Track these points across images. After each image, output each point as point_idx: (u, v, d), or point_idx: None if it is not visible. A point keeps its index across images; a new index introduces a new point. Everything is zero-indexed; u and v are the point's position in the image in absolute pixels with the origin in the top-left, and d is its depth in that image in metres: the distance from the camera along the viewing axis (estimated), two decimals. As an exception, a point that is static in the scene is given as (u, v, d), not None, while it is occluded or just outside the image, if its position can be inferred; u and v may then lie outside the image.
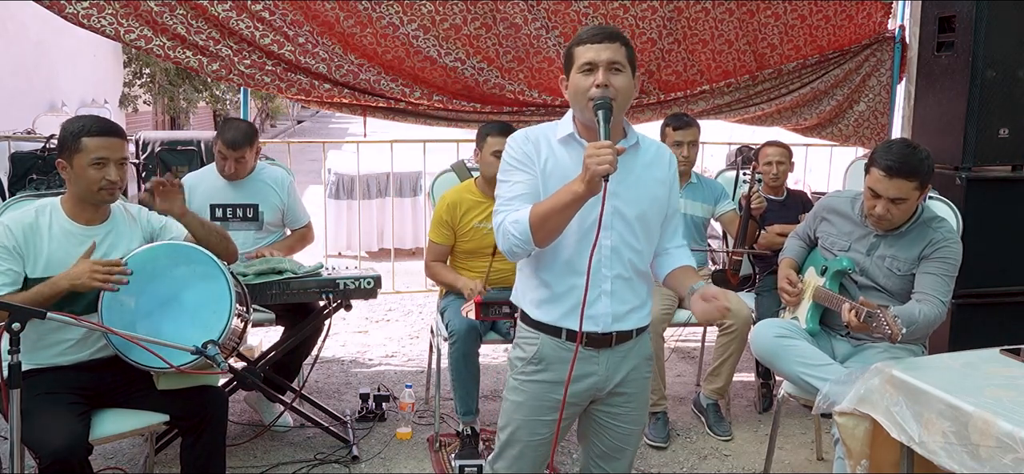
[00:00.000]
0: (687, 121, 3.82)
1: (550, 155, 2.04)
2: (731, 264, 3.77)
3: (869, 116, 4.89)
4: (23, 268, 2.43)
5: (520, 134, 2.08)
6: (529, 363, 2.10)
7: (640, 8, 4.40)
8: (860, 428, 2.31)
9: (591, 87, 1.96)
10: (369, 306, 5.41)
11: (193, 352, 2.28)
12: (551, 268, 2.05)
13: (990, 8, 3.69)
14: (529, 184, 2.01)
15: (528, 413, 2.12)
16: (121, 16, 3.77)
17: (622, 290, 2.06)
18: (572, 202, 1.87)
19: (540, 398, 2.10)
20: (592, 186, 1.82)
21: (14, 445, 2.04)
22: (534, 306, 2.09)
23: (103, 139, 2.46)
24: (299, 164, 5.76)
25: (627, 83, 2.00)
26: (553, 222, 1.91)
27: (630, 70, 2.02)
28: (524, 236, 1.93)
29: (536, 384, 2.10)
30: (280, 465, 3.26)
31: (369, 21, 4.10)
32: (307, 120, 27.69)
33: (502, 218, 2.00)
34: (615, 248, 2.03)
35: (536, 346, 2.09)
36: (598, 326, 2.04)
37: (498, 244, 2.03)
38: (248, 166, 3.57)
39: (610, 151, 1.80)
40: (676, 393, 4.12)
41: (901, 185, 2.63)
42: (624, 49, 2.01)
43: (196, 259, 2.55)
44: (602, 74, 1.96)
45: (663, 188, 2.12)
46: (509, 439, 2.16)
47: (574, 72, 2.02)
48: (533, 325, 2.10)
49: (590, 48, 1.99)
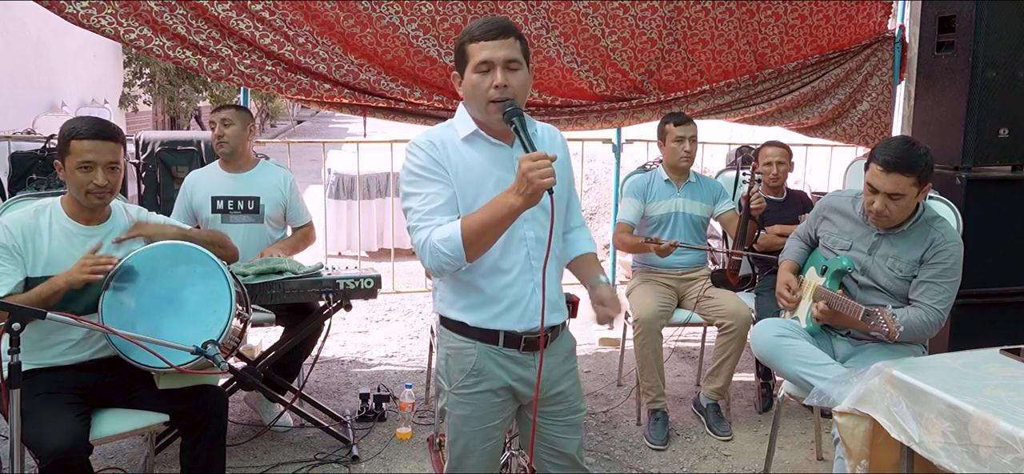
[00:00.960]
0: (687, 117, 3.82)
1: (458, 158, 1.98)
2: (731, 264, 3.77)
3: (872, 115, 4.88)
4: (24, 268, 2.43)
5: (422, 140, 1.99)
6: (470, 375, 2.05)
7: (640, 8, 4.40)
8: (860, 428, 2.31)
9: (490, 89, 1.91)
10: (369, 306, 5.41)
11: (193, 352, 2.28)
12: (478, 272, 1.99)
13: (990, 8, 3.69)
14: (445, 194, 1.95)
15: (478, 423, 2.08)
16: (121, 16, 3.77)
17: (551, 278, 2.04)
18: (508, 215, 1.82)
19: (486, 407, 2.07)
20: (533, 200, 1.78)
21: (14, 445, 2.04)
22: (464, 312, 2.03)
23: (90, 142, 2.44)
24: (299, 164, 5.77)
25: (525, 79, 1.96)
26: (488, 236, 1.87)
27: (526, 64, 1.97)
28: (456, 253, 1.87)
29: (479, 395, 2.06)
30: (280, 465, 3.26)
31: (369, 21, 4.10)
32: (307, 120, 27.67)
33: (426, 235, 1.91)
34: (538, 237, 2.01)
35: (473, 357, 2.04)
36: (536, 322, 2.00)
37: (425, 263, 1.95)
38: (240, 138, 3.57)
39: (548, 162, 1.76)
40: (676, 393, 4.12)
41: (898, 180, 2.63)
42: (519, 43, 1.95)
43: (196, 259, 2.55)
44: (500, 74, 1.91)
45: (562, 167, 2.03)
46: (464, 451, 2.11)
47: (469, 71, 1.95)
48: (465, 333, 2.04)
49: (485, 46, 1.92)
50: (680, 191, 3.82)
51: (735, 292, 3.74)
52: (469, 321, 2.03)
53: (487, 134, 2.00)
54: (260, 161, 3.70)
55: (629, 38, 4.45)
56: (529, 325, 2.02)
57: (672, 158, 3.79)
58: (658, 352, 3.57)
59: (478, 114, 1.99)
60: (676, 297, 3.78)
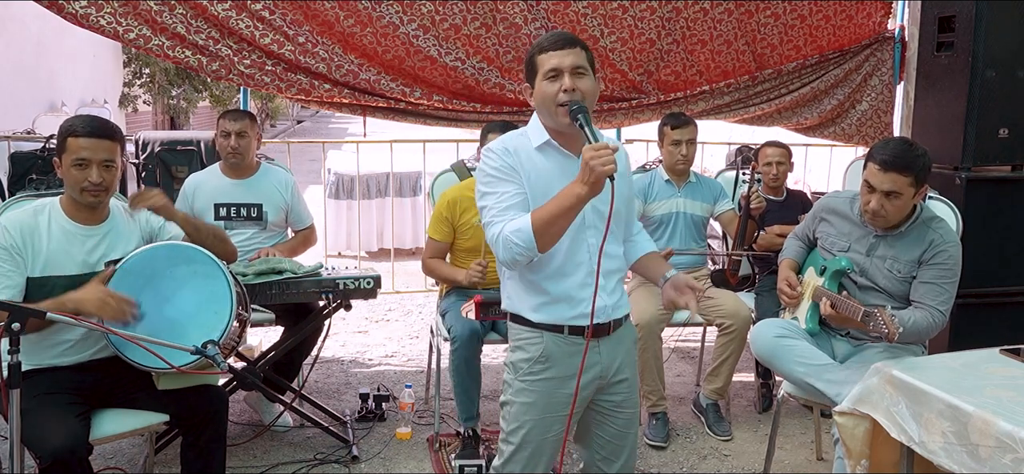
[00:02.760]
0: (685, 119, 3.81)
1: (531, 165, 2.09)
2: (730, 264, 3.77)
3: (872, 115, 4.88)
4: (24, 269, 2.43)
5: (498, 146, 2.11)
6: (536, 362, 2.13)
7: (639, 8, 4.40)
8: (860, 428, 2.31)
9: (558, 92, 2.02)
10: (369, 306, 5.41)
11: (193, 352, 2.28)
12: (544, 274, 2.10)
13: (990, 8, 3.68)
14: (519, 194, 2.05)
15: (540, 412, 2.15)
16: (120, 15, 3.77)
17: (611, 283, 2.16)
18: (575, 204, 1.92)
19: (550, 395, 2.14)
20: (596, 187, 1.88)
21: (14, 445, 2.04)
22: (533, 311, 2.14)
23: (86, 140, 2.44)
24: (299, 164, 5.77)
25: (592, 85, 2.07)
26: (557, 226, 1.96)
27: (592, 72, 2.09)
28: (528, 243, 1.96)
29: (545, 382, 2.14)
30: (280, 465, 3.26)
31: (369, 21, 4.10)
32: (307, 120, 27.68)
33: (500, 228, 2.02)
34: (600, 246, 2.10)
35: (541, 345, 2.13)
36: (599, 318, 2.10)
37: (498, 255, 2.05)
38: (250, 147, 3.57)
39: (610, 151, 1.86)
40: (676, 393, 4.12)
41: (896, 179, 2.64)
42: (585, 53, 2.08)
43: (196, 259, 2.55)
44: (568, 79, 2.02)
45: (624, 181, 2.18)
46: (522, 441, 2.17)
47: (540, 79, 2.07)
48: (534, 327, 2.14)
49: (553, 55, 2.04)
50: (681, 191, 3.82)
51: (735, 292, 3.74)
52: (536, 318, 2.13)
53: (558, 144, 2.10)
54: (262, 164, 3.70)
55: (628, 38, 4.45)
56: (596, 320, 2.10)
57: (669, 160, 3.79)
58: (658, 356, 3.57)
59: (549, 121, 2.09)
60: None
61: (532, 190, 2.06)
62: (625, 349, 2.25)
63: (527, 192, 2.06)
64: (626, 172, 2.24)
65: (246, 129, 3.53)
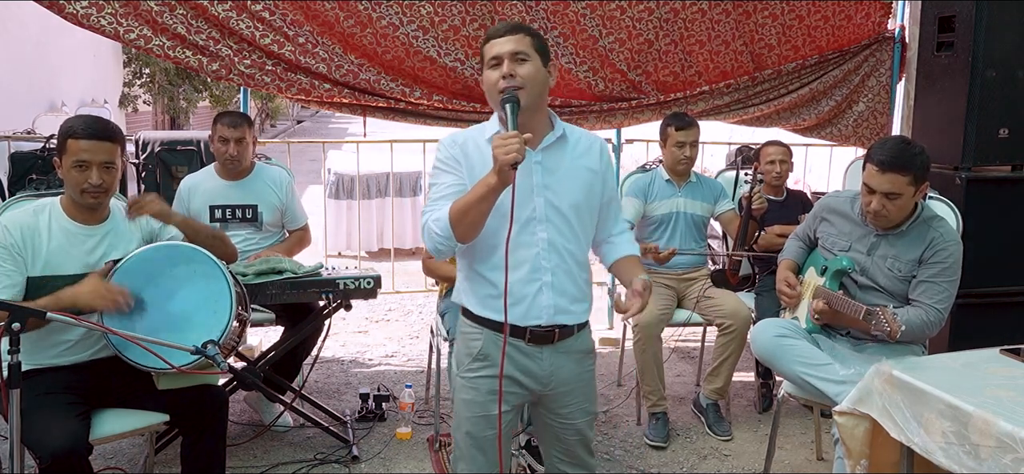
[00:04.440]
0: (689, 121, 3.81)
1: (478, 156, 2.07)
2: (731, 264, 3.77)
3: (868, 116, 4.88)
4: (24, 268, 2.43)
5: (448, 138, 2.11)
6: (475, 359, 2.12)
7: (637, 9, 4.40)
8: (860, 428, 2.31)
9: (498, 80, 2.01)
10: (369, 306, 5.41)
11: (193, 352, 2.27)
12: (490, 264, 2.07)
13: (990, 8, 3.68)
14: (457, 186, 2.05)
15: (477, 409, 2.13)
16: (121, 16, 3.77)
17: (563, 282, 2.08)
18: (487, 193, 1.91)
19: (487, 393, 2.11)
20: (503, 176, 1.86)
21: (14, 445, 2.04)
22: (478, 302, 2.11)
23: (86, 141, 2.43)
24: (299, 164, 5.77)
25: (534, 71, 2.02)
26: (471, 215, 1.95)
27: (539, 58, 2.04)
28: (445, 232, 1.98)
29: (482, 379, 2.12)
30: (280, 465, 3.26)
31: (369, 21, 4.10)
32: (307, 120, 27.68)
33: (426, 217, 2.04)
34: (551, 241, 2.06)
35: (480, 342, 2.11)
36: (541, 319, 2.06)
37: (425, 244, 2.07)
38: (248, 152, 3.57)
39: (517, 140, 1.84)
40: (676, 393, 4.12)
41: (895, 179, 2.64)
42: (529, 38, 2.04)
43: (196, 259, 2.55)
44: (507, 65, 2.00)
45: (595, 178, 2.14)
46: (464, 438, 2.16)
47: (485, 69, 2.07)
48: (476, 321, 2.12)
49: (495, 43, 2.04)
50: (681, 191, 3.82)
51: (735, 292, 3.74)
52: (477, 311, 2.11)
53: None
54: (257, 165, 3.69)
55: (626, 39, 4.45)
56: (535, 321, 2.07)
57: (671, 161, 3.79)
58: (658, 356, 3.57)
59: (496, 109, 2.10)
60: (676, 297, 3.78)
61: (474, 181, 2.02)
62: (572, 366, 2.15)
63: (467, 184, 2.03)
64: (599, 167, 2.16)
65: (244, 135, 3.53)
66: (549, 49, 2.11)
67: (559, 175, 2.08)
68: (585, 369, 2.21)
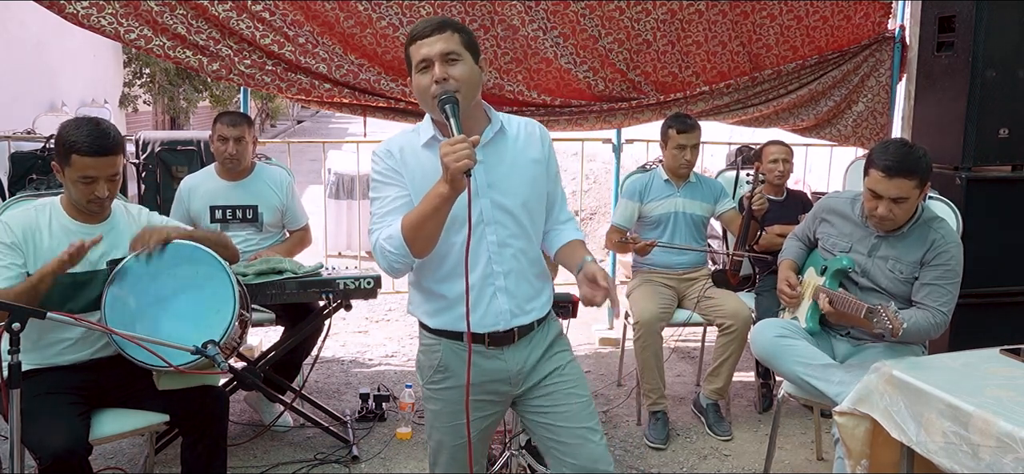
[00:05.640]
0: (691, 124, 3.79)
1: (416, 163, 1.98)
2: (731, 264, 3.77)
3: (867, 116, 4.88)
4: (25, 264, 2.44)
5: (382, 149, 2.01)
6: (437, 372, 2.07)
7: (635, 9, 4.40)
8: (860, 428, 2.31)
9: (431, 85, 1.90)
10: (369, 306, 5.41)
11: (193, 352, 2.28)
12: (439, 276, 2.00)
13: (990, 8, 3.68)
14: (402, 198, 1.96)
15: (447, 419, 2.09)
16: (121, 16, 3.77)
17: (517, 284, 2.02)
18: (440, 204, 1.82)
19: (454, 404, 2.06)
20: (456, 185, 1.77)
21: (14, 445, 2.04)
22: (430, 316, 2.05)
23: (92, 159, 2.42)
24: (299, 164, 5.76)
25: (467, 70, 1.92)
26: (426, 229, 1.86)
27: (470, 55, 1.94)
28: (400, 249, 1.89)
29: (447, 391, 2.07)
30: (280, 465, 3.26)
31: (369, 22, 4.10)
32: (307, 120, 27.67)
33: (376, 236, 1.94)
34: (503, 242, 1.99)
35: (439, 353, 2.06)
36: (499, 324, 2.00)
37: (378, 264, 1.97)
38: (248, 151, 3.57)
39: (466, 145, 1.75)
40: (676, 393, 4.12)
41: (902, 184, 2.63)
42: (458, 35, 1.93)
43: (199, 259, 2.55)
44: (438, 68, 1.89)
45: (540, 167, 2.05)
46: (437, 447, 2.14)
47: (414, 72, 1.96)
48: (433, 333, 2.07)
49: (422, 44, 1.92)
50: (680, 191, 3.82)
51: (735, 292, 3.74)
52: (433, 324, 2.05)
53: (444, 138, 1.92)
54: (257, 165, 3.69)
55: (625, 39, 4.45)
56: (492, 327, 2.01)
57: (672, 163, 3.79)
58: (658, 354, 3.57)
59: (430, 112, 1.99)
60: (676, 297, 3.78)
61: (416, 190, 1.94)
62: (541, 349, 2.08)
63: (411, 194, 1.95)
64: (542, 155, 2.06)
65: (243, 134, 3.53)
66: (478, 42, 2.00)
67: (502, 172, 1.99)
68: (558, 350, 2.12)
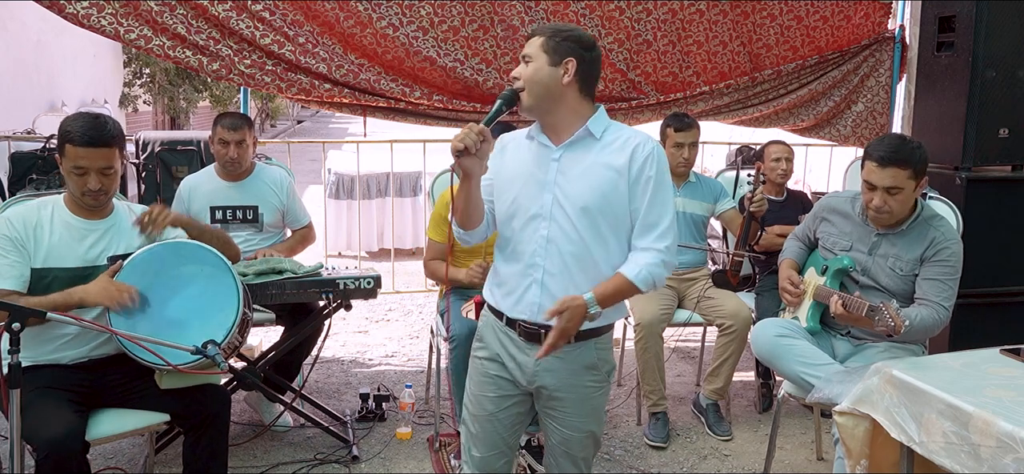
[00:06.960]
0: (688, 122, 3.80)
1: (515, 151, 2.18)
2: (731, 264, 3.77)
3: (867, 116, 4.88)
4: (28, 260, 2.44)
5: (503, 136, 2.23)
6: (478, 339, 2.25)
7: (636, 9, 4.40)
8: (860, 428, 2.31)
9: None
10: (369, 306, 5.41)
11: (193, 352, 2.28)
12: (502, 255, 2.17)
13: (990, 8, 3.69)
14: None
15: (475, 388, 2.23)
16: (121, 16, 3.77)
17: (559, 285, 2.03)
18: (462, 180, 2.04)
19: (482, 373, 2.20)
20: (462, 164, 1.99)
21: (14, 445, 2.04)
22: (488, 288, 2.23)
23: (84, 149, 2.43)
24: (299, 164, 5.77)
25: (533, 71, 2.06)
26: (455, 203, 2.07)
27: (546, 58, 2.05)
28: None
29: (478, 361, 2.23)
30: (280, 465, 3.26)
31: (369, 22, 4.10)
32: (307, 120, 27.67)
33: None
34: (551, 239, 2.05)
35: (485, 322, 2.24)
36: (527, 314, 2.09)
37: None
38: (248, 154, 3.57)
39: (468, 130, 1.95)
40: (676, 393, 4.12)
41: (896, 174, 2.65)
42: (540, 39, 2.07)
43: (203, 259, 2.56)
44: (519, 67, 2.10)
45: (616, 176, 2.02)
46: (466, 414, 2.27)
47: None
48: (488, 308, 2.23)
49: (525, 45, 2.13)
50: (679, 191, 3.82)
51: (735, 292, 3.74)
52: (485, 292, 2.24)
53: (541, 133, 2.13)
54: (257, 166, 3.69)
55: (625, 39, 4.45)
56: (520, 315, 2.10)
57: (670, 162, 3.77)
58: (659, 355, 3.57)
59: None
60: (677, 298, 3.78)
61: (509, 175, 2.13)
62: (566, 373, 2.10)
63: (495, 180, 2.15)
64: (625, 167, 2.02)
65: (244, 137, 3.52)
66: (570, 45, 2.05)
67: (573, 175, 2.05)
68: (585, 383, 2.13)
